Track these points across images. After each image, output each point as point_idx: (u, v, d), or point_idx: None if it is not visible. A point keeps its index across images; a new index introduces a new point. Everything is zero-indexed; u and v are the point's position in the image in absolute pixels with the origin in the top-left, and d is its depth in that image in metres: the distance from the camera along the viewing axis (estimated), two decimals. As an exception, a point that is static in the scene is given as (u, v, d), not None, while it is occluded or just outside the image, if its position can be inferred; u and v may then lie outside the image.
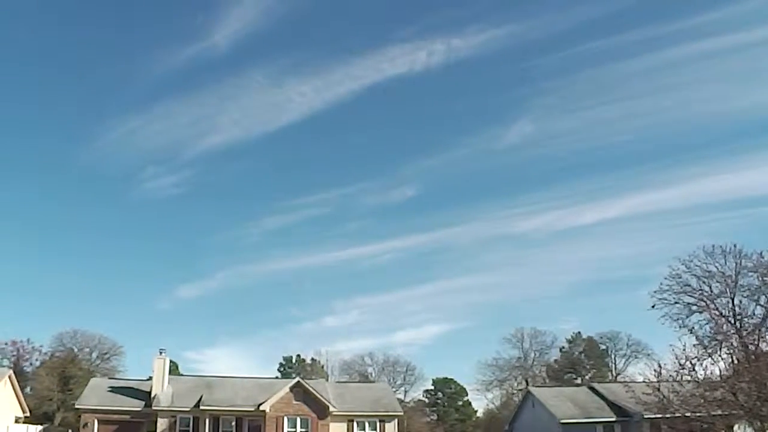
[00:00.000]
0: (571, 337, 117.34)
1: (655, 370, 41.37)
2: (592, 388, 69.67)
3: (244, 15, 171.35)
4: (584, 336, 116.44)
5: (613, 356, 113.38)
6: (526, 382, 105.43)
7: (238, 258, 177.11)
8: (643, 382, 44.96)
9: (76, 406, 63.01)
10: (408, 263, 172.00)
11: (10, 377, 61.75)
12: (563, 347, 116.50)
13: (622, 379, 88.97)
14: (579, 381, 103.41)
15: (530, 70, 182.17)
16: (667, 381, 40.30)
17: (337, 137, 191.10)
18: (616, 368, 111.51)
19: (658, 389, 40.00)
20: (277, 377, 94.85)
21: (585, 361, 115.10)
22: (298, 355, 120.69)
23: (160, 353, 63.34)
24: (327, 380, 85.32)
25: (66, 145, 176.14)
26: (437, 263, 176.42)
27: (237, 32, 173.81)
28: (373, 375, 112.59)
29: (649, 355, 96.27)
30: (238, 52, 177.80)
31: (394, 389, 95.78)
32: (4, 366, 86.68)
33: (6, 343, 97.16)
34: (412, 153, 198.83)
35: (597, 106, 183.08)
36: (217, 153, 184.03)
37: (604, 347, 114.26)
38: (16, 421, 62.53)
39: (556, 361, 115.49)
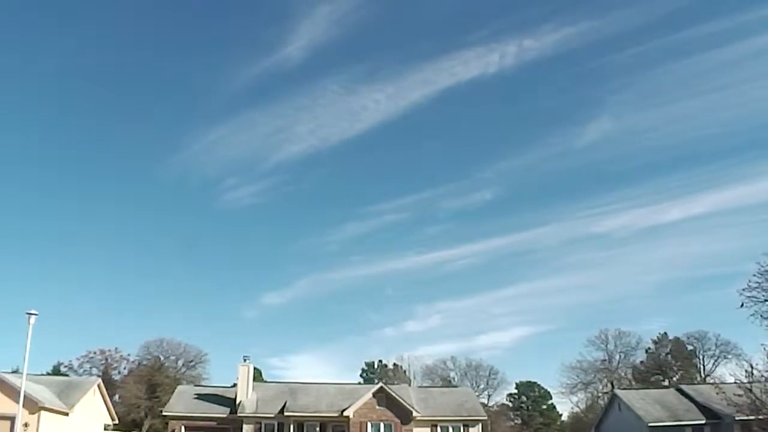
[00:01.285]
0: (657, 337, 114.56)
1: (746, 371, 40.41)
2: (680, 390, 68.05)
3: (316, 25, 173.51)
4: (671, 336, 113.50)
5: (701, 357, 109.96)
6: (612, 384, 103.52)
7: (319, 265, 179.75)
8: (734, 383, 43.90)
9: (164, 413, 64.72)
10: (490, 267, 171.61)
11: (99, 386, 63.21)
12: (649, 348, 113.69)
13: (712, 381, 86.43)
14: (666, 383, 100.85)
15: (605, 67, 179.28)
16: (759, 381, 39.24)
17: (412, 143, 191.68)
18: (704, 369, 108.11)
19: (750, 390, 38.97)
20: (359, 383, 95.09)
21: (672, 362, 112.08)
22: (380, 361, 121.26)
23: (244, 360, 64.36)
24: (409, 385, 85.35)
25: (153, 155, 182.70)
26: (519, 266, 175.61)
27: (309, 42, 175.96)
28: (456, 379, 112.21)
29: (739, 355, 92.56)
30: (312, 62, 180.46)
31: (477, 393, 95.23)
32: (93, 375, 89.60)
33: (95, 353, 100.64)
34: (490, 156, 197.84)
35: (677, 101, 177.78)
36: (294, 162, 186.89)
37: (691, 348, 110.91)
38: (105, 428, 64.08)
39: (641, 362, 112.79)
